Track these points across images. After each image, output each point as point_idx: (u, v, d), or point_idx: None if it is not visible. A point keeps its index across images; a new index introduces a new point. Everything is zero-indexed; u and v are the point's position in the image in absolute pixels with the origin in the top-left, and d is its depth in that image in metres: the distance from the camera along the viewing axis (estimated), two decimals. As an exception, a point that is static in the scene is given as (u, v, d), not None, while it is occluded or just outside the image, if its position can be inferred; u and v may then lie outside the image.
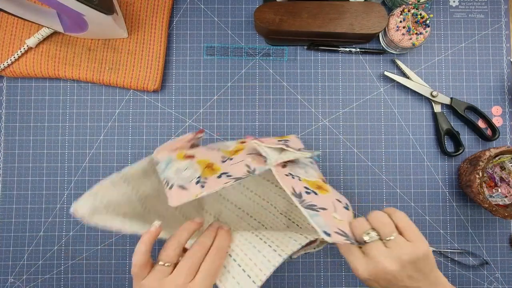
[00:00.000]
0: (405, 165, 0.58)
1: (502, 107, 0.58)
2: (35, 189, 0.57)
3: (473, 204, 0.58)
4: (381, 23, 0.54)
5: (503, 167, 0.54)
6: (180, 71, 0.58)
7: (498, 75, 0.59)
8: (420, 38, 0.54)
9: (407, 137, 0.58)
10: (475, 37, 0.59)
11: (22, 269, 0.56)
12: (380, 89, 0.59)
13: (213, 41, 0.59)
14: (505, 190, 0.54)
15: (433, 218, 0.57)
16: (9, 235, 0.56)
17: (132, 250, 0.56)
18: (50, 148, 0.57)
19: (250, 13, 0.59)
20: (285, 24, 0.54)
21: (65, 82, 0.58)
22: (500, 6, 0.59)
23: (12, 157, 0.57)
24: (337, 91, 0.58)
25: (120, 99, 0.58)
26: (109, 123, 0.58)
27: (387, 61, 0.59)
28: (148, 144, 0.57)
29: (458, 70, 0.59)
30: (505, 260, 0.57)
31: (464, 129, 0.58)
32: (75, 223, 0.56)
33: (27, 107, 0.57)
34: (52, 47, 0.55)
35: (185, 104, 0.58)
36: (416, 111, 0.58)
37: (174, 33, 0.59)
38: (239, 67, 0.58)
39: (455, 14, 0.59)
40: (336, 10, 0.54)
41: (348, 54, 0.59)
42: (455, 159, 0.58)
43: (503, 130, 0.58)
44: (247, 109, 0.58)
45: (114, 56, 0.56)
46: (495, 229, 0.57)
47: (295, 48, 0.59)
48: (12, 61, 0.54)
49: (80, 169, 0.57)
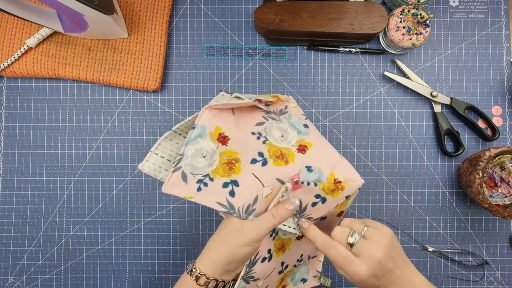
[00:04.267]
0: (405, 165, 0.58)
1: (502, 107, 0.58)
2: (35, 189, 0.57)
3: (473, 204, 0.58)
4: (381, 23, 0.54)
5: (503, 167, 0.54)
6: (180, 71, 0.58)
7: (498, 75, 0.59)
8: (420, 38, 0.54)
9: (407, 137, 0.58)
10: (475, 37, 0.59)
11: (22, 269, 0.56)
12: (380, 89, 0.59)
13: (213, 41, 0.59)
14: (505, 190, 0.54)
15: (433, 218, 0.57)
16: (9, 235, 0.56)
17: (132, 250, 0.56)
18: (50, 148, 0.57)
19: (250, 13, 0.59)
20: (285, 24, 0.54)
21: (65, 82, 0.58)
22: (500, 6, 0.59)
23: (12, 157, 0.57)
24: (337, 91, 0.58)
25: (120, 99, 0.58)
26: (109, 123, 0.58)
27: (387, 61, 0.59)
28: (148, 144, 0.57)
29: (458, 70, 0.59)
30: (505, 260, 0.57)
31: (464, 129, 0.58)
32: (75, 223, 0.56)
33: (27, 107, 0.57)
34: (52, 47, 0.55)
35: (185, 104, 0.58)
36: (416, 111, 0.58)
37: (174, 33, 0.59)
38: (239, 67, 0.58)
39: (455, 14, 0.59)
40: (336, 10, 0.54)
41: (348, 54, 0.59)
42: (455, 159, 0.58)
43: (503, 130, 0.58)
44: (247, 109, 0.58)
45: (114, 56, 0.56)
46: (495, 229, 0.57)
47: (295, 48, 0.59)
48: (12, 61, 0.54)
49: (80, 169, 0.57)
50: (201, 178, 0.37)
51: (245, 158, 0.39)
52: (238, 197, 0.37)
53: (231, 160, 0.38)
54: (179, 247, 0.56)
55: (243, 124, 0.42)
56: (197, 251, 0.56)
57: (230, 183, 0.38)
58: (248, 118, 0.42)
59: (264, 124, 0.42)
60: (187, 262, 0.56)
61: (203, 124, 0.38)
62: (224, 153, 0.39)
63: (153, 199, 0.57)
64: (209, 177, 0.37)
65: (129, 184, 0.57)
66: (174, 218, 0.57)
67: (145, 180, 0.57)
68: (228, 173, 0.38)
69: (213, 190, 0.37)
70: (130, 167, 0.57)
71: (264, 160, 0.39)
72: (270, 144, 0.40)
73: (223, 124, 0.40)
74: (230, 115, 0.41)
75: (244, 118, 0.42)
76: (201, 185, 0.37)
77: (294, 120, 0.46)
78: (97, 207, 0.57)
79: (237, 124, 0.41)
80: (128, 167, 0.57)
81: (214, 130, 0.39)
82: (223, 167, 0.38)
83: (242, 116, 0.42)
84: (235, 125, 0.40)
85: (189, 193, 0.36)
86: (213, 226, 0.57)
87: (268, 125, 0.42)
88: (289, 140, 0.42)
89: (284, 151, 0.40)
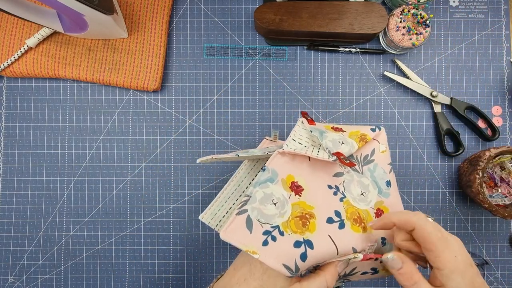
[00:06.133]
0: (405, 165, 0.58)
1: (502, 107, 0.58)
2: (35, 189, 0.57)
3: (473, 204, 0.58)
4: (381, 23, 0.54)
5: (503, 167, 0.54)
6: (180, 71, 0.58)
7: (498, 75, 0.59)
8: (420, 38, 0.54)
9: (407, 137, 0.58)
10: (475, 37, 0.59)
11: (22, 269, 0.56)
12: (380, 89, 0.59)
13: (213, 41, 0.59)
14: (505, 190, 0.54)
15: (433, 218, 0.57)
16: (9, 235, 0.56)
17: (132, 250, 0.56)
18: (50, 148, 0.57)
19: (250, 13, 0.59)
20: (285, 24, 0.54)
21: (65, 82, 0.58)
22: (500, 6, 0.59)
23: (12, 157, 0.57)
24: (337, 91, 0.58)
25: (120, 99, 0.58)
26: (109, 123, 0.58)
27: (387, 61, 0.59)
28: (148, 144, 0.57)
29: (458, 70, 0.59)
30: (505, 260, 0.57)
31: (464, 129, 0.58)
32: (75, 223, 0.56)
33: (27, 107, 0.57)
34: (52, 47, 0.55)
35: (185, 104, 0.58)
36: (416, 111, 0.58)
37: (174, 33, 0.59)
38: (239, 67, 0.58)
39: (455, 14, 0.59)
40: (336, 10, 0.54)
41: (348, 54, 0.59)
42: (455, 159, 0.58)
43: (503, 130, 0.58)
44: (247, 109, 0.58)
45: (114, 56, 0.56)
46: (495, 229, 0.57)
47: (295, 48, 0.59)
48: (12, 61, 0.54)
49: (80, 169, 0.57)
50: (269, 229, 0.31)
51: (320, 215, 0.33)
52: (309, 260, 0.30)
53: (305, 214, 0.32)
54: (179, 247, 0.56)
55: (319, 173, 0.36)
56: (197, 251, 0.56)
57: (304, 243, 0.31)
58: (326, 166, 0.37)
59: (343, 176, 0.37)
60: (187, 262, 0.56)
61: (274, 169, 0.34)
62: (297, 204, 0.33)
63: (153, 199, 0.57)
64: (279, 230, 0.31)
65: (129, 184, 0.57)
66: (174, 218, 0.57)
67: (145, 180, 0.57)
68: (302, 230, 0.31)
69: (282, 247, 0.30)
70: (130, 167, 0.57)
71: (341, 222, 0.33)
72: (348, 203, 0.35)
73: (297, 171, 0.35)
74: (305, 161, 0.36)
75: (321, 166, 0.37)
76: (268, 238, 0.30)
77: (378, 174, 0.40)
78: (97, 207, 0.57)
79: (313, 172, 0.36)
80: (128, 167, 0.57)
81: (287, 177, 0.34)
82: (295, 221, 0.32)
83: (319, 163, 0.37)
84: (310, 173, 0.35)
85: (252, 245, 0.30)
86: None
87: (347, 178, 0.37)
88: (368, 200, 0.37)
89: (362, 214, 0.35)
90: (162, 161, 0.57)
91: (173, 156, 0.57)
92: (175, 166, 0.57)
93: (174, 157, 0.57)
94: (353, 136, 0.39)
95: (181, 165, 0.57)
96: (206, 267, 0.56)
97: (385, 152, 0.41)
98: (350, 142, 0.37)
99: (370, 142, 0.41)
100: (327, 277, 0.31)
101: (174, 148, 0.57)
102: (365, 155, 0.40)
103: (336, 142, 0.37)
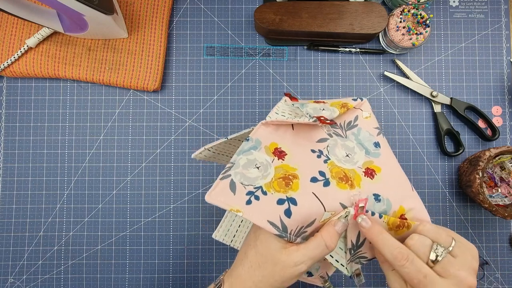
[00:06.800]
0: (405, 165, 0.58)
1: (502, 107, 0.58)
2: (35, 189, 0.57)
3: (473, 204, 0.58)
4: (381, 23, 0.54)
5: (503, 167, 0.54)
6: (180, 71, 0.58)
7: (498, 75, 0.59)
8: (420, 38, 0.54)
9: (407, 137, 0.58)
10: (475, 37, 0.59)
11: (22, 269, 0.56)
12: (380, 89, 0.59)
13: (213, 41, 0.59)
14: (505, 190, 0.54)
15: (433, 218, 0.57)
16: (9, 235, 0.56)
17: (132, 250, 0.56)
18: (50, 148, 0.57)
19: (250, 13, 0.59)
20: (285, 24, 0.54)
21: (65, 82, 0.58)
22: (500, 6, 0.59)
23: (12, 157, 0.57)
24: (337, 91, 0.58)
25: (120, 99, 0.58)
26: (109, 123, 0.58)
27: (387, 61, 0.59)
28: (148, 144, 0.57)
29: (458, 70, 0.59)
30: (505, 260, 0.57)
31: (464, 129, 0.58)
32: (75, 223, 0.56)
33: (27, 107, 0.57)
34: (52, 47, 0.55)
35: (185, 104, 0.58)
36: (416, 111, 0.58)
37: (174, 33, 0.59)
38: (239, 67, 0.58)
39: (455, 14, 0.59)
40: (336, 10, 0.54)
41: (348, 54, 0.59)
42: (455, 159, 0.58)
43: (503, 130, 0.58)
44: (247, 109, 0.58)
45: (114, 56, 0.56)
46: (495, 229, 0.57)
47: (295, 48, 0.59)
48: (12, 61, 0.54)
49: (80, 169, 0.57)
50: (252, 190, 0.32)
51: (304, 175, 0.34)
52: (295, 218, 0.32)
53: (288, 175, 0.33)
54: (179, 247, 0.56)
55: (302, 141, 0.38)
56: (197, 251, 0.56)
57: (287, 201, 0.32)
58: (309, 133, 0.38)
59: (327, 141, 0.38)
60: (187, 262, 0.56)
61: (258, 138, 0.35)
62: (280, 167, 0.34)
63: (153, 199, 0.57)
64: (262, 190, 0.32)
65: (129, 184, 0.57)
66: (174, 218, 0.57)
67: (145, 180, 0.57)
68: (285, 189, 0.33)
69: (265, 205, 0.32)
70: (130, 167, 0.57)
71: (326, 181, 0.34)
72: (332, 164, 0.36)
73: (281, 140, 0.36)
74: (288, 130, 0.37)
75: (304, 133, 0.38)
76: (251, 198, 0.32)
77: (364, 136, 0.41)
78: (97, 207, 0.57)
79: (295, 141, 0.37)
80: (128, 167, 0.57)
81: (270, 144, 0.35)
82: (278, 182, 0.33)
83: (302, 131, 0.38)
84: (293, 141, 0.37)
85: (236, 205, 0.31)
86: (213, 226, 0.57)
87: (331, 143, 0.38)
88: (355, 160, 0.38)
89: (348, 173, 0.36)
90: (162, 161, 0.57)
91: (173, 156, 0.57)
92: (175, 166, 0.57)
93: (174, 157, 0.57)
94: (334, 104, 0.41)
95: (181, 165, 0.57)
96: (206, 267, 0.56)
97: (369, 118, 0.43)
98: (331, 109, 0.39)
99: (353, 110, 0.43)
100: (324, 236, 0.32)
101: (174, 148, 0.57)
102: (348, 121, 0.42)
103: (317, 109, 0.38)
